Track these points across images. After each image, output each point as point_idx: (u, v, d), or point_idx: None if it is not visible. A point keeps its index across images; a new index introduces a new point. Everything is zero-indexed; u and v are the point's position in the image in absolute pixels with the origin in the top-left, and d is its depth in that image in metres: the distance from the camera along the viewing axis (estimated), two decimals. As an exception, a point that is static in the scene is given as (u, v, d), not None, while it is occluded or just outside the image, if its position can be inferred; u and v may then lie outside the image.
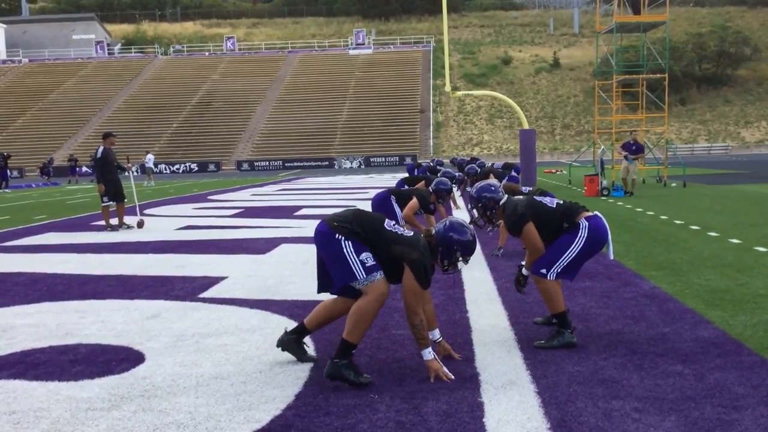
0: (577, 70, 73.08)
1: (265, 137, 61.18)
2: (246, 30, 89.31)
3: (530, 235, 5.10)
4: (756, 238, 9.76)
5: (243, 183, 32.47)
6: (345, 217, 4.65)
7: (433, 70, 72.18)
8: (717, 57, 69.48)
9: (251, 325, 5.87)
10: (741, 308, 5.88)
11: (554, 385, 4.21)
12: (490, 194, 5.38)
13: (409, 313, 4.49)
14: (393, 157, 55.44)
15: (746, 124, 64.43)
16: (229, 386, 4.40)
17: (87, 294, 7.47)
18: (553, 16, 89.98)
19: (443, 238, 4.50)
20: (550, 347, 4.93)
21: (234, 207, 18.45)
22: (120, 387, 4.45)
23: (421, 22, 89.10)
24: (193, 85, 70.25)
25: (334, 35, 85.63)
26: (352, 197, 20.78)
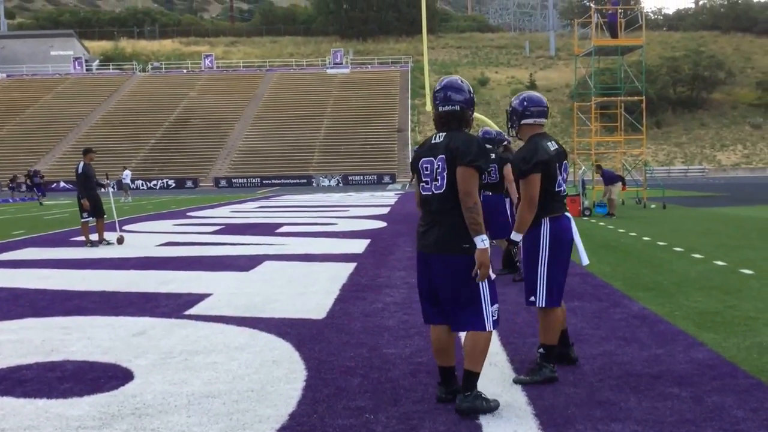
0: (553, 92, 73.75)
1: (243, 154, 61.00)
2: (224, 48, 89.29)
3: (531, 186, 4.68)
4: (740, 260, 9.84)
5: (222, 200, 32.30)
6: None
7: (411, 90, 72.51)
8: (691, 80, 70.53)
9: (239, 343, 5.80)
10: (732, 330, 5.90)
11: (551, 407, 4.18)
12: (521, 108, 4.92)
13: (464, 196, 4.05)
14: (371, 175, 55.50)
15: (722, 147, 65.37)
16: (221, 405, 4.34)
17: (71, 310, 7.36)
18: (528, 39, 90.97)
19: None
20: (533, 383, 4.67)
21: (214, 224, 18.32)
22: (110, 405, 4.37)
23: (399, 42, 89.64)
24: (170, 102, 69.97)
25: (311, 54, 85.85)
26: (331, 215, 20.73)
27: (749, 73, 78.12)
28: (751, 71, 78.57)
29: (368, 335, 6.03)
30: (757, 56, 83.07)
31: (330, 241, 13.45)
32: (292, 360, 5.31)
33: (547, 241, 4.75)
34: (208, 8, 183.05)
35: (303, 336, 6.01)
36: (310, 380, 4.79)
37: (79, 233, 13.95)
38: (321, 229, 16.02)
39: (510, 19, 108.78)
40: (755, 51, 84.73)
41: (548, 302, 4.77)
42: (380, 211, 22.28)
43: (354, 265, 10.26)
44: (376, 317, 6.75)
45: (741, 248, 11.22)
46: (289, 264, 10.49)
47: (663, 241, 12.29)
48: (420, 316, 6.66)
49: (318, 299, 7.67)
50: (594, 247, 11.59)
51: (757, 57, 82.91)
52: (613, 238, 13.13)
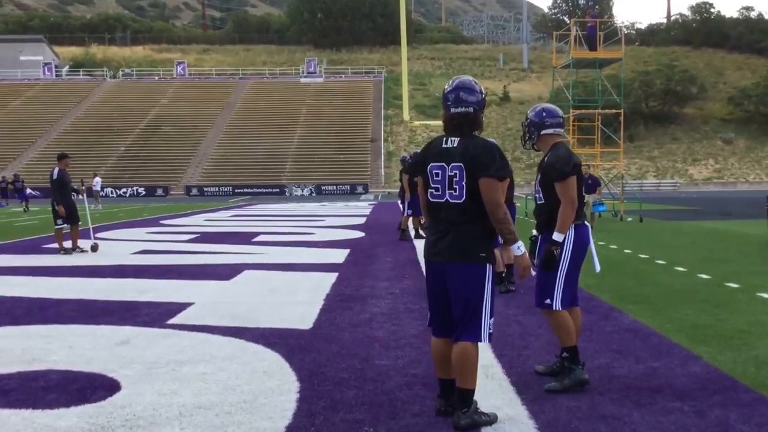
0: (526, 104, 74.07)
1: (215, 163, 60.51)
2: (196, 56, 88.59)
3: (571, 187, 4.71)
4: (724, 274, 9.85)
5: (194, 208, 31.95)
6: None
7: (385, 100, 72.57)
8: (664, 95, 71.23)
9: (227, 354, 5.67)
10: (727, 344, 5.88)
11: (555, 421, 4.11)
12: (539, 120, 4.95)
13: (493, 208, 3.97)
14: (344, 185, 55.33)
15: (694, 161, 66.15)
16: (214, 417, 4.22)
17: (49, 318, 7.17)
18: (502, 51, 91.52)
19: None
20: (564, 389, 4.65)
21: (189, 232, 18.07)
22: (99, 416, 4.23)
23: (372, 53, 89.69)
24: (142, 109, 69.16)
25: (285, 63, 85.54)
26: (308, 224, 20.57)
27: (721, 88, 79.19)
28: (723, 86, 79.65)
29: (358, 346, 5.93)
30: (728, 72, 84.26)
31: (309, 251, 13.32)
32: (283, 371, 5.19)
33: (570, 246, 4.80)
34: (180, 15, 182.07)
35: (292, 346, 5.90)
36: (303, 392, 4.68)
37: (52, 240, 13.67)
38: (299, 239, 15.87)
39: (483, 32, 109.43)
40: (727, 67, 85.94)
41: (563, 305, 4.81)
42: (356, 221, 22.15)
43: (336, 275, 10.15)
44: (365, 328, 6.65)
45: (723, 262, 11.27)
46: (270, 273, 10.36)
47: (644, 254, 12.32)
48: (409, 327, 6.65)
49: (303, 309, 7.56)
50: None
51: (728, 72, 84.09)
52: (593, 250, 13.14)
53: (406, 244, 14.67)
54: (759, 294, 8.28)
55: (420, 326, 6.67)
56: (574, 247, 4.82)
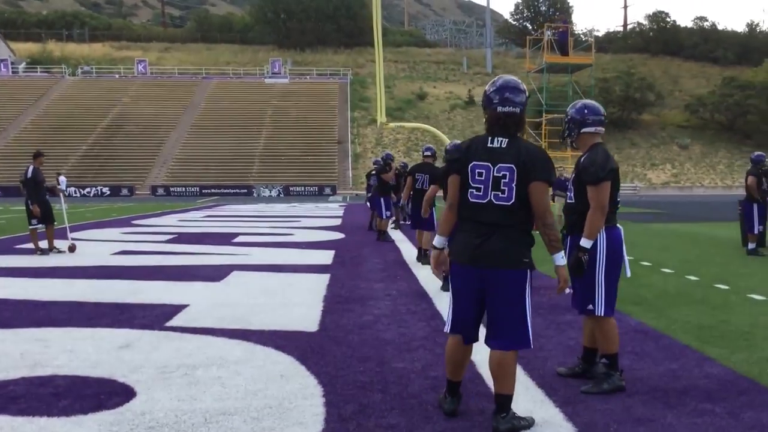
0: (490, 108, 74.69)
1: (181, 163, 59.71)
2: (158, 54, 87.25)
3: (604, 193, 4.59)
4: (711, 275, 9.95)
5: (163, 208, 31.43)
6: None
7: (351, 102, 72.38)
8: (623, 101, 72.23)
9: (237, 357, 5.51)
10: (735, 345, 5.89)
11: (592, 424, 4.05)
12: (580, 117, 4.85)
13: (543, 212, 3.97)
14: (312, 186, 55.03)
15: (652, 166, 67.17)
16: (242, 423, 4.07)
17: (41, 321, 6.91)
18: (466, 55, 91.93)
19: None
20: (601, 392, 4.61)
21: (165, 232, 17.73)
22: (120, 424, 4.05)
23: (337, 54, 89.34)
24: (103, 108, 67.92)
25: (249, 63, 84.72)
26: (285, 225, 20.34)
27: (677, 95, 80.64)
28: (679, 94, 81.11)
29: (370, 348, 5.81)
30: (684, 79, 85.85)
31: (294, 252, 13.13)
32: (299, 374, 5.06)
33: (604, 250, 4.72)
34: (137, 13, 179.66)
35: (303, 349, 5.76)
36: (327, 396, 4.54)
37: (25, 240, 13.28)
38: (280, 240, 15.66)
39: (446, 36, 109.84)
40: (682, 75, 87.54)
41: (606, 311, 4.73)
42: (332, 222, 21.98)
43: (327, 276, 10.01)
44: (371, 330, 6.53)
45: (706, 264, 11.38)
46: (259, 275, 10.17)
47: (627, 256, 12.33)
48: (417, 329, 6.55)
49: (303, 311, 7.41)
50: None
51: (684, 80, 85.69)
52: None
53: (388, 244, 14.58)
54: (750, 296, 8.38)
55: (427, 328, 6.59)
56: (608, 250, 4.73)
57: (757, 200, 12.86)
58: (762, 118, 67.36)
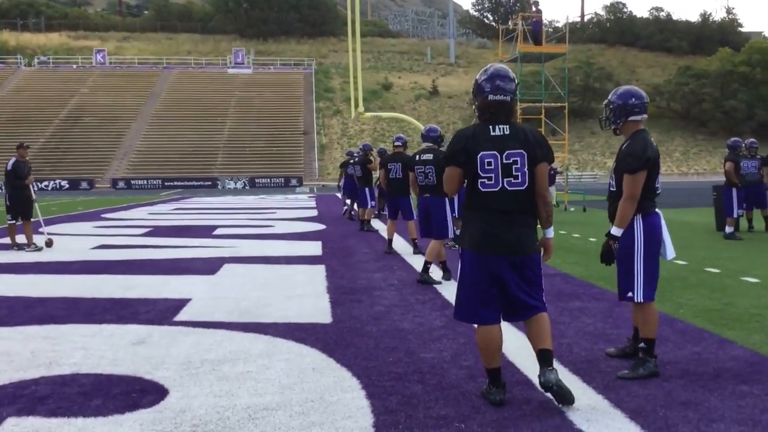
0: (455, 98, 74.92)
1: (142, 155, 58.74)
2: (116, 44, 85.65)
3: (638, 183, 4.61)
4: (699, 259, 10.04)
5: (128, 201, 30.89)
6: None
7: (315, 93, 71.95)
8: (583, 91, 73.03)
9: (260, 351, 5.37)
10: (750, 327, 5.93)
11: (641, 410, 4.01)
12: (627, 105, 4.75)
13: (545, 191, 4.18)
14: (278, 178, 54.58)
15: (611, 154, 67.91)
16: (289, 418, 3.95)
17: (41, 318, 6.68)
18: (430, 46, 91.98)
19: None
20: (638, 377, 4.61)
21: (139, 226, 17.39)
22: (162, 422, 3.90)
23: (300, 44, 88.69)
24: (60, 99, 66.50)
25: (210, 53, 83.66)
26: (261, 217, 20.11)
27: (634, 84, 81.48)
28: (636, 83, 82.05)
29: (392, 339, 5.72)
30: (640, 69, 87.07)
31: (281, 244, 12.95)
32: (330, 367, 4.95)
33: (642, 237, 4.72)
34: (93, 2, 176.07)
35: (325, 341, 5.64)
36: (367, 389, 4.44)
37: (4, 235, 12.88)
38: (261, 232, 15.45)
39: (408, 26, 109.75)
40: (639, 64, 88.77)
41: (645, 297, 4.73)
42: (309, 213, 21.81)
43: (322, 267, 9.88)
44: (387, 320, 6.43)
45: (689, 248, 11.43)
46: (252, 267, 9.99)
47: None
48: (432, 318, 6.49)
49: (311, 303, 7.29)
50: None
51: (640, 70, 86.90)
52: (559, 239, 13.15)
53: (372, 234, 14.48)
54: (744, 278, 8.47)
55: (443, 317, 6.51)
56: (645, 237, 4.72)
57: (735, 185, 13.06)
58: (716, 106, 68.65)
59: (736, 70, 68.64)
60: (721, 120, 68.69)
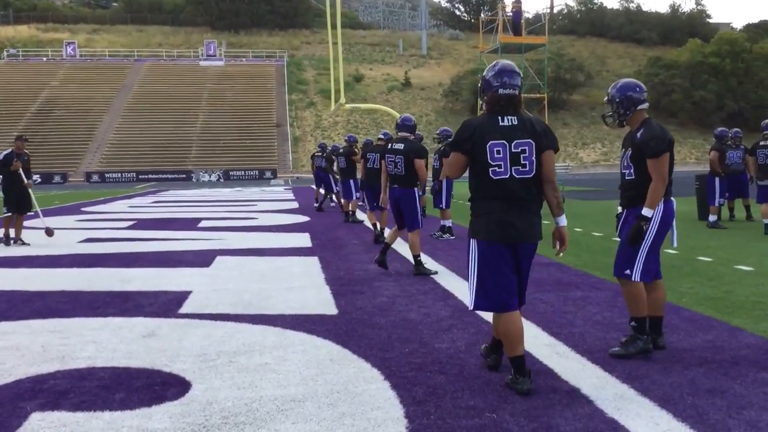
0: (427, 90, 75.00)
1: (115, 148, 58.04)
2: (86, 36, 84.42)
3: (664, 164, 4.76)
4: (687, 249, 10.14)
5: (104, 195, 30.54)
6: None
7: (288, 85, 71.59)
8: (554, 82, 73.43)
9: (273, 343, 5.37)
10: (756, 315, 6.02)
11: (668, 398, 4.05)
12: (634, 96, 4.97)
13: (553, 178, 4.42)
14: (252, 170, 54.26)
15: (583, 145, 68.56)
16: (317, 409, 3.95)
17: (43, 312, 6.61)
18: (401, 38, 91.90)
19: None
20: (627, 355, 4.81)
21: (121, 219, 17.23)
22: (191, 415, 3.89)
23: (272, 36, 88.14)
24: (31, 92, 65.36)
25: (182, 45, 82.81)
26: (243, 209, 20.00)
27: (605, 75, 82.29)
28: (607, 74, 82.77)
29: (404, 330, 5.74)
30: (610, 60, 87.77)
31: (269, 236, 12.91)
32: (347, 358, 4.96)
33: (657, 222, 4.88)
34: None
35: (336, 333, 5.66)
36: (390, 379, 4.46)
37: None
38: (246, 224, 15.38)
39: (379, 17, 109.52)
40: (609, 55, 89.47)
41: (642, 277, 4.91)
42: (289, 205, 21.76)
43: (315, 258, 9.89)
44: (393, 311, 6.45)
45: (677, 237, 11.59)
46: (246, 259, 9.96)
47: (597, 232, 12.55)
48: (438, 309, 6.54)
49: (313, 294, 7.30)
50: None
51: (610, 61, 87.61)
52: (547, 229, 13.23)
53: (358, 225, 14.49)
54: (737, 267, 8.60)
55: (448, 308, 6.55)
56: (660, 222, 4.89)
57: (719, 174, 13.25)
58: (686, 97, 69.39)
59: (706, 61, 69.44)
60: (691, 110, 69.51)
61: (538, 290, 7.24)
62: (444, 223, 12.33)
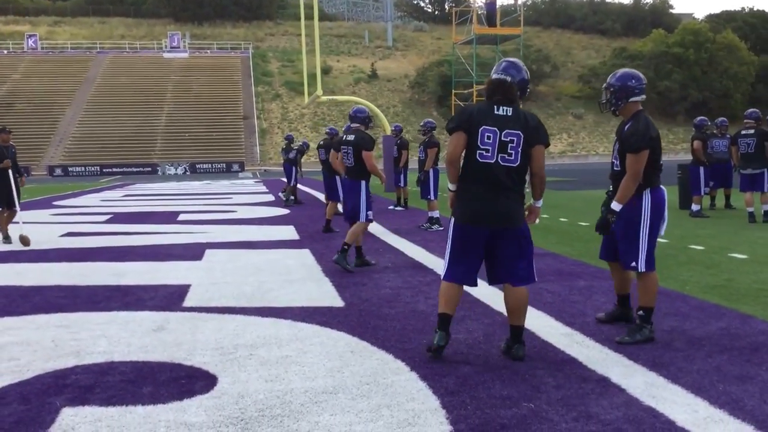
0: (393, 82, 74.94)
1: (78, 141, 57.13)
2: (48, 28, 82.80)
3: (641, 161, 4.86)
4: (677, 237, 10.28)
5: (72, 189, 30.02)
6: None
7: (254, 77, 71.03)
8: (521, 73, 74.03)
9: (288, 335, 5.33)
10: (761, 302, 6.11)
11: (700, 385, 4.08)
12: (628, 87, 5.05)
13: (542, 171, 4.69)
14: (220, 163, 53.78)
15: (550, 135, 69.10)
16: (351, 401, 3.94)
17: (44, 307, 6.48)
18: (367, 29, 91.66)
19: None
20: (634, 342, 4.90)
21: (98, 213, 16.98)
22: (225, 408, 3.85)
23: (236, 27, 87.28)
24: (-10, 85, 64.24)
25: (145, 37, 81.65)
26: (222, 202, 19.83)
27: (570, 67, 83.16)
28: (572, 65, 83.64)
29: (417, 321, 5.74)
30: (575, 51, 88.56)
31: (253, 228, 12.81)
32: (368, 349, 4.94)
33: (649, 210, 5.00)
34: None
35: (350, 324, 5.64)
36: (417, 370, 4.45)
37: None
38: (227, 217, 15.24)
39: (343, 9, 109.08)
40: (573, 46, 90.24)
41: (647, 267, 5.01)
42: (264, 198, 21.62)
43: (307, 251, 9.84)
44: (400, 303, 6.45)
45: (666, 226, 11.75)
46: (236, 252, 9.87)
47: (583, 222, 12.64)
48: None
49: (314, 287, 7.26)
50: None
51: (575, 52, 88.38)
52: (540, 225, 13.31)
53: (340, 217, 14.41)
54: (731, 255, 8.72)
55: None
56: (652, 210, 5.01)
57: (703, 163, 13.42)
58: (650, 87, 69.93)
59: (670, 51, 70.40)
60: (655, 100, 70.38)
61: (541, 280, 7.27)
62: (432, 214, 12.34)
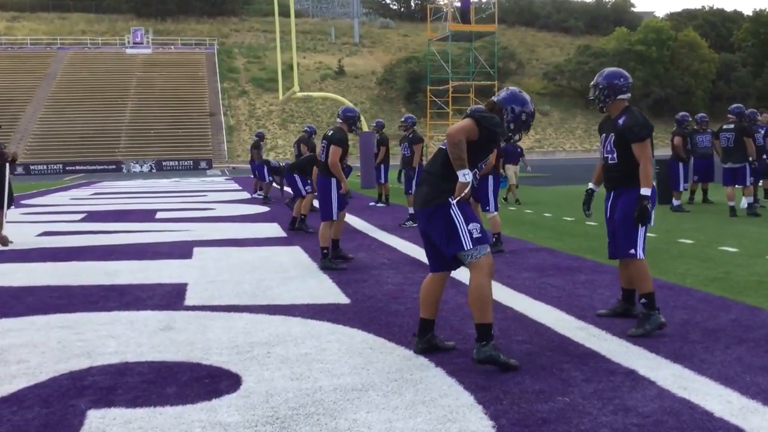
0: (361, 78, 74.84)
1: (39, 139, 56.05)
2: (6, 24, 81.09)
3: (648, 150, 5.11)
4: (663, 232, 10.37)
5: (37, 187, 29.41)
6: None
7: (220, 73, 70.36)
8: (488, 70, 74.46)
9: (302, 333, 5.24)
10: (762, 294, 6.18)
11: (726, 376, 4.08)
12: (616, 85, 5.25)
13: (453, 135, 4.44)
14: (187, 161, 53.17)
15: (519, 133, 69.68)
16: (382, 397, 3.87)
17: (40, 308, 6.29)
18: (333, 26, 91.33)
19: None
20: (646, 333, 4.92)
21: (70, 211, 16.64)
22: (256, 408, 3.76)
23: (200, 23, 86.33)
24: (-53, 81, 62.70)
25: (107, 33, 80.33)
26: (198, 200, 19.58)
27: (535, 64, 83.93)
28: (537, 62, 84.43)
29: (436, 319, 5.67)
30: (540, 49, 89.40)
31: (237, 226, 12.68)
32: (387, 346, 4.89)
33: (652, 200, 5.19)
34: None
35: (361, 321, 5.59)
36: (443, 366, 4.40)
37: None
38: (207, 215, 15.04)
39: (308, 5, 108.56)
40: (538, 44, 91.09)
41: (643, 254, 5.22)
42: (239, 195, 21.45)
43: (298, 248, 9.74)
44: (407, 299, 6.40)
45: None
46: (225, 250, 9.73)
47: (568, 217, 12.73)
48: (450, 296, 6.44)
49: (315, 283, 7.19)
50: (517, 225, 11.84)
51: (540, 49, 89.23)
52: (519, 216, 13.38)
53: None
54: (722, 248, 8.83)
55: (459, 294, 6.50)
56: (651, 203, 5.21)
57: (683, 159, 13.58)
58: (615, 85, 71.24)
59: (633, 48, 71.41)
60: (618, 97, 71.33)
61: (542, 275, 7.31)
62: (411, 210, 12.32)
